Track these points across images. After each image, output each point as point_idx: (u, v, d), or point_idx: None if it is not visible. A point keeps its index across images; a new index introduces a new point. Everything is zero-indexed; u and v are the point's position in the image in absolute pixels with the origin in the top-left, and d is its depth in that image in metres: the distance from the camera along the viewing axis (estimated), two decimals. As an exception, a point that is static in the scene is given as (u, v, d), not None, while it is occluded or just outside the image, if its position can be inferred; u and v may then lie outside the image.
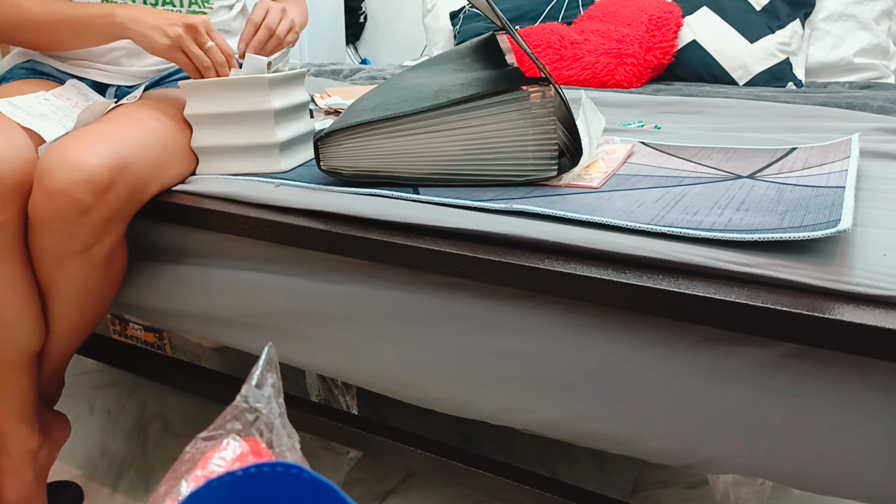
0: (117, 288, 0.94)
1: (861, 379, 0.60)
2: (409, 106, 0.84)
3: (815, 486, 0.65)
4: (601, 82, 1.70)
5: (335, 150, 0.87)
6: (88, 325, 0.94)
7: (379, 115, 0.84)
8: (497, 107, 0.82)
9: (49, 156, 0.79)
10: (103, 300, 0.92)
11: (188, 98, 0.93)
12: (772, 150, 0.98)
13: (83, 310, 0.90)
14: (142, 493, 1.14)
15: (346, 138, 0.86)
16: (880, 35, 1.74)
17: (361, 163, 0.87)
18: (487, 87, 0.83)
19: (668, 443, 0.69)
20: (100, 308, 0.93)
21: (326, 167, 0.88)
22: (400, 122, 0.84)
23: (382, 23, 2.94)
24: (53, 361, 0.96)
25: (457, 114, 0.83)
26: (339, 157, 0.87)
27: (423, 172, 0.86)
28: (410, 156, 0.85)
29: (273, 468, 0.36)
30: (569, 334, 0.70)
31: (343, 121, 0.86)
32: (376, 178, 0.87)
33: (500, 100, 0.82)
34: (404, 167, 0.86)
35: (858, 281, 0.60)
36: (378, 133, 0.85)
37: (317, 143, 0.87)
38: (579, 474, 1.15)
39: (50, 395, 1.02)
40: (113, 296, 0.94)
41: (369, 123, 0.84)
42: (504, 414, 0.77)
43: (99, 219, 0.80)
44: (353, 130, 0.85)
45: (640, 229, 0.70)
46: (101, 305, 0.93)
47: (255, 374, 0.45)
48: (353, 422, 0.93)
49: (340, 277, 0.82)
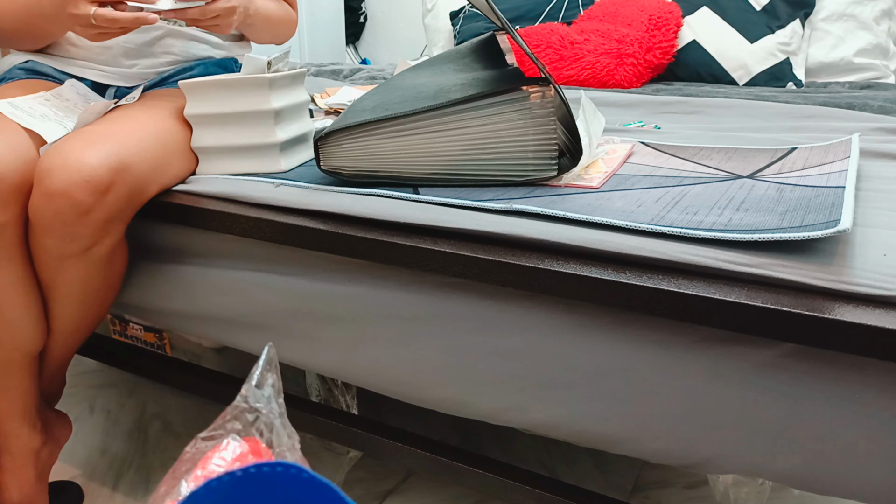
0: (118, 288, 0.94)
1: (861, 379, 0.60)
2: (409, 106, 0.84)
3: (815, 486, 0.65)
4: (601, 82, 1.70)
5: (335, 150, 0.87)
6: (89, 325, 0.94)
7: (379, 116, 0.84)
8: (497, 107, 0.82)
9: (49, 157, 0.79)
10: (104, 300, 0.92)
11: (188, 98, 0.93)
12: (772, 150, 0.98)
13: (84, 310, 0.90)
14: (142, 493, 1.14)
15: (345, 138, 0.86)
16: (880, 35, 1.74)
17: (361, 163, 0.87)
18: (487, 87, 0.83)
19: (668, 443, 0.69)
20: (101, 308, 0.93)
21: (326, 167, 0.88)
22: (399, 122, 0.84)
23: (382, 23, 2.94)
24: (55, 361, 0.96)
25: (457, 114, 0.83)
26: (339, 157, 0.87)
27: (423, 172, 0.86)
28: (410, 156, 0.85)
29: (273, 468, 0.36)
30: (569, 334, 0.70)
31: (342, 121, 0.86)
32: (376, 177, 0.87)
33: (500, 100, 0.82)
34: (404, 167, 0.86)
35: (858, 281, 0.60)
36: (378, 133, 0.85)
37: (317, 143, 0.87)
38: (579, 474, 1.15)
39: (51, 394, 1.02)
40: (114, 296, 0.94)
41: (369, 123, 0.84)
42: (504, 414, 0.77)
43: (99, 219, 0.80)
44: (352, 130, 0.85)
45: (640, 229, 0.70)
46: (101, 305, 0.93)
47: (255, 374, 0.45)
48: (353, 422, 0.93)
49: (340, 277, 0.82)
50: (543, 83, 0.82)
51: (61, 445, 1.01)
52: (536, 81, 0.82)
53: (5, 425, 0.92)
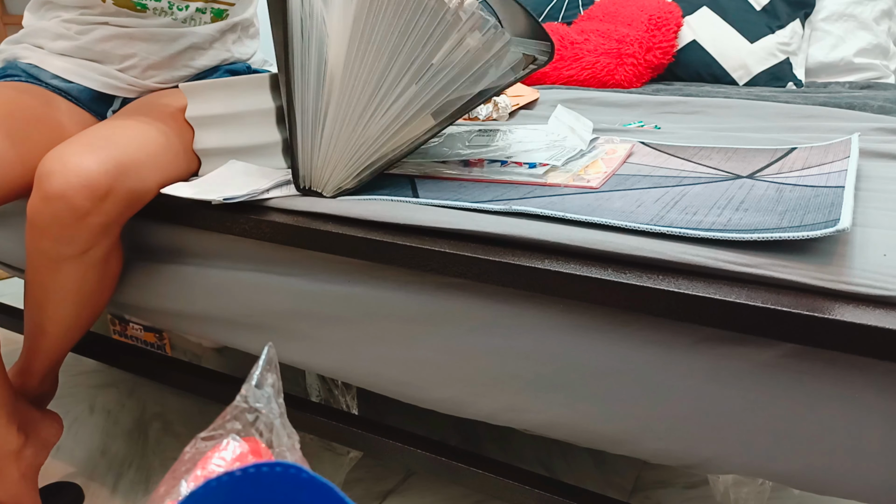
0: (113, 289, 0.94)
1: (861, 379, 0.60)
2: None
3: (815, 486, 0.65)
4: (601, 82, 1.70)
5: (320, 177, 0.85)
6: (83, 326, 0.94)
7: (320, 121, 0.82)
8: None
9: (49, 160, 0.79)
10: (99, 301, 0.92)
11: (189, 100, 0.93)
12: (772, 150, 0.98)
13: (79, 311, 0.90)
14: (142, 493, 1.14)
15: (315, 160, 0.84)
16: (880, 35, 1.74)
17: (350, 166, 0.85)
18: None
19: (668, 443, 0.69)
20: (95, 309, 0.93)
21: (331, 194, 0.86)
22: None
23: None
24: (48, 361, 0.96)
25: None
26: (328, 178, 0.85)
27: (404, 140, 0.83)
28: (384, 130, 0.82)
29: (272, 468, 0.36)
30: (569, 334, 0.70)
31: (298, 155, 0.84)
32: (377, 169, 0.85)
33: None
34: (384, 145, 0.83)
35: (858, 281, 0.60)
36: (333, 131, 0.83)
37: (307, 191, 0.86)
38: (579, 474, 1.15)
39: (43, 394, 1.02)
40: (109, 296, 0.94)
41: (323, 132, 0.82)
42: (504, 414, 0.77)
43: (96, 224, 0.80)
44: (313, 149, 0.83)
45: (639, 229, 0.70)
46: (96, 306, 0.93)
47: (255, 374, 0.45)
48: (353, 422, 0.93)
49: (340, 277, 0.82)
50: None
51: (50, 445, 1.00)
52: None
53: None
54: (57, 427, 1.03)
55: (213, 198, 0.82)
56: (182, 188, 0.86)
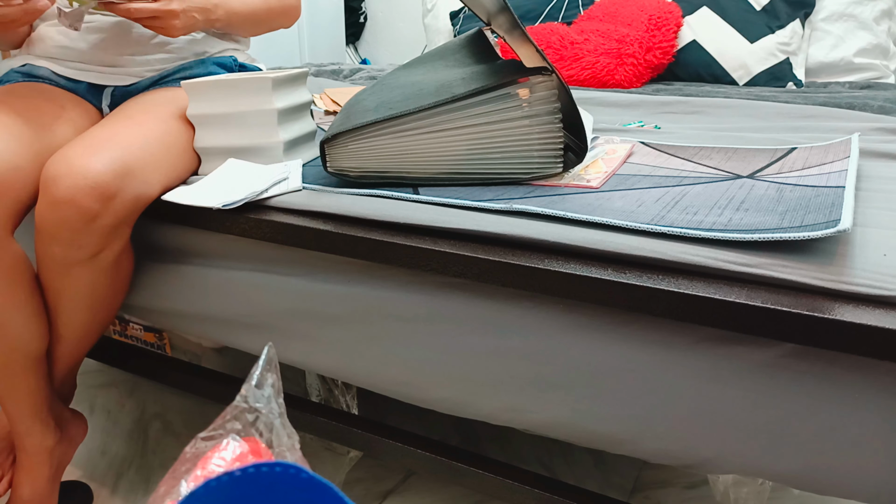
0: (125, 291, 0.94)
1: (861, 379, 0.60)
2: (413, 104, 0.84)
3: (815, 486, 0.65)
4: (601, 82, 1.70)
5: (342, 152, 0.87)
6: (98, 330, 0.94)
7: (384, 115, 0.84)
8: (502, 101, 0.82)
9: (54, 164, 0.78)
10: (112, 304, 0.92)
11: (191, 98, 0.93)
12: (772, 150, 0.98)
13: (92, 315, 0.90)
14: (142, 493, 1.14)
15: (352, 139, 0.86)
16: (880, 35, 1.74)
17: (368, 163, 0.86)
18: (489, 79, 0.83)
19: (668, 443, 0.69)
20: (109, 312, 0.93)
21: (333, 169, 0.88)
22: (406, 121, 0.84)
23: (382, 23, 2.94)
24: (65, 365, 0.96)
25: (462, 109, 0.83)
26: (346, 158, 0.87)
27: (429, 172, 0.86)
28: (416, 155, 0.85)
29: (272, 468, 0.36)
30: (569, 334, 0.70)
31: (346, 122, 0.86)
32: (383, 178, 0.87)
33: (505, 92, 0.82)
34: (411, 167, 0.86)
35: (858, 281, 0.59)
36: (384, 133, 0.84)
37: (323, 145, 0.87)
38: (579, 474, 1.15)
39: (63, 396, 1.02)
40: (121, 299, 0.94)
41: (375, 124, 0.84)
42: (504, 414, 0.77)
43: (106, 226, 0.80)
44: (358, 131, 0.85)
45: (640, 229, 0.70)
46: (109, 309, 0.93)
47: (255, 374, 0.45)
48: (353, 422, 0.93)
49: (340, 277, 0.82)
50: (546, 72, 0.82)
51: (76, 444, 1.01)
52: (539, 71, 0.82)
53: (18, 425, 0.92)
54: (83, 426, 1.03)
55: (212, 204, 0.82)
56: (182, 194, 0.86)
